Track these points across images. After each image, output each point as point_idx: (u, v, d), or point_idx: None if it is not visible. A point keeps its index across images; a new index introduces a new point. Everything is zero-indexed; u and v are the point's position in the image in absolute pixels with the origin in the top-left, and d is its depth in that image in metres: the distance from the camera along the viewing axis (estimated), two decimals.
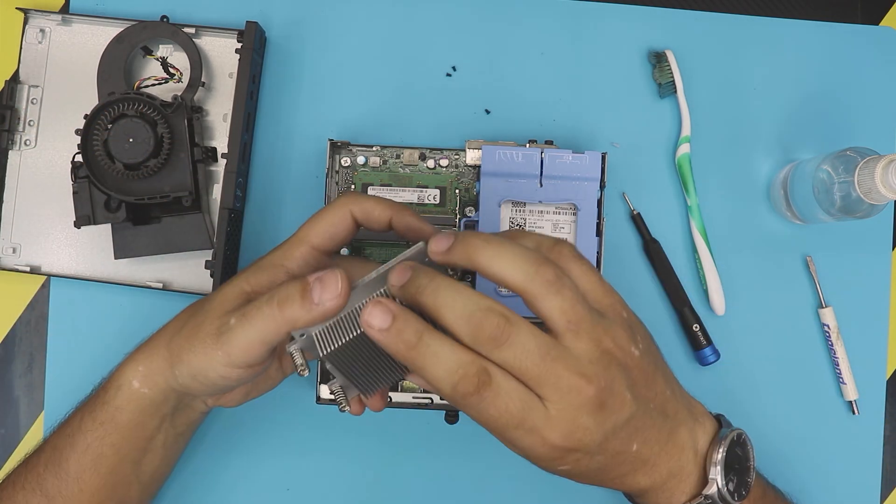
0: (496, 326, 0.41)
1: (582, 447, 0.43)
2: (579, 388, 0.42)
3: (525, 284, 0.42)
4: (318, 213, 0.50)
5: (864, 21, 0.67)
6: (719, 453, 0.48)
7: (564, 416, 0.42)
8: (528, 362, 0.41)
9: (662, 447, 0.47)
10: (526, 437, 0.43)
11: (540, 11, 0.65)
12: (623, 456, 0.45)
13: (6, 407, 0.63)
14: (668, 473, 0.47)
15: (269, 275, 0.50)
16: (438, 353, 0.41)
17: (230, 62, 0.62)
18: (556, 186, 0.59)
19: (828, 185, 0.58)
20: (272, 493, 0.63)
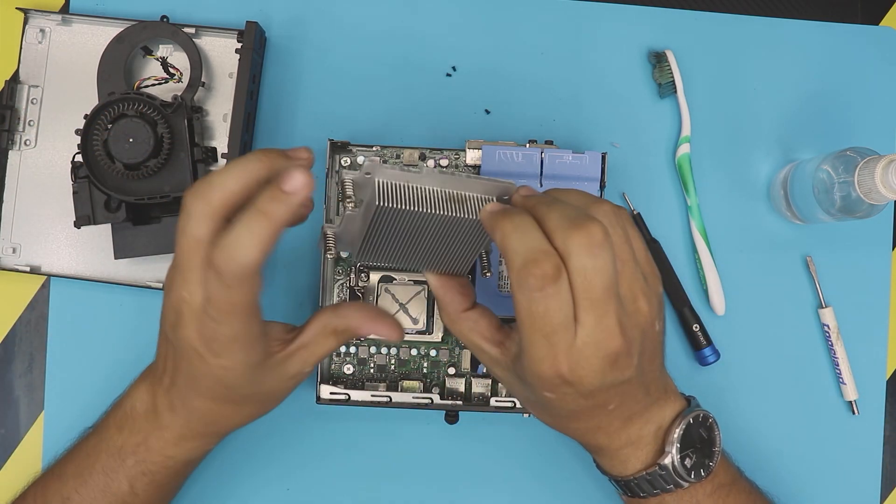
0: (598, 233, 0.43)
1: (577, 385, 0.45)
2: (613, 334, 0.44)
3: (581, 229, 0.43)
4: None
5: (864, 21, 0.67)
6: (679, 428, 0.50)
7: (585, 350, 0.44)
8: (600, 283, 0.43)
9: (630, 417, 0.49)
10: (544, 349, 0.44)
11: (540, 11, 0.65)
12: (599, 410, 0.47)
13: (6, 407, 0.63)
14: (626, 440, 0.50)
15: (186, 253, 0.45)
16: (528, 233, 0.43)
17: (230, 62, 0.62)
18: (556, 186, 0.59)
19: (828, 186, 0.58)
20: (272, 493, 0.63)
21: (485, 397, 0.60)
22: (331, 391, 0.59)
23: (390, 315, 0.51)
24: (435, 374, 0.61)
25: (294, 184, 0.42)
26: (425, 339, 0.60)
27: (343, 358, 0.60)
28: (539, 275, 0.42)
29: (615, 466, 0.51)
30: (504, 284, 0.59)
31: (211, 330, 0.44)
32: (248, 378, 0.48)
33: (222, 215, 0.43)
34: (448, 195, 0.47)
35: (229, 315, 0.44)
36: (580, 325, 0.43)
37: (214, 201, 0.43)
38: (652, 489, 0.51)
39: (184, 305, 0.44)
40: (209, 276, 0.43)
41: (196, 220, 0.43)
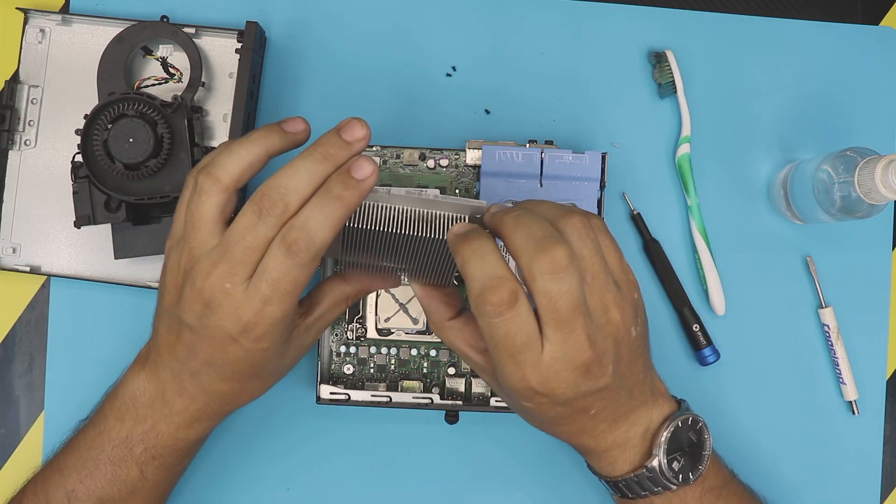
0: (562, 257, 0.43)
1: (551, 396, 0.46)
2: (581, 348, 0.45)
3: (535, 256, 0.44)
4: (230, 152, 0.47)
5: (864, 21, 0.67)
6: (667, 431, 0.50)
7: (554, 365, 0.45)
8: (565, 304, 0.44)
9: (616, 420, 0.50)
10: (511, 367, 0.45)
11: (540, 11, 0.65)
12: (580, 415, 0.48)
13: (6, 407, 0.63)
14: (613, 442, 0.50)
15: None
16: (485, 258, 0.44)
17: (230, 62, 0.62)
18: (556, 186, 0.59)
19: (828, 186, 0.58)
20: (272, 493, 0.63)
21: (485, 397, 0.60)
22: (331, 391, 0.59)
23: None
24: (435, 374, 0.61)
25: (364, 172, 0.45)
26: (425, 339, 0.60)
27: (343, 358, 0.60)
28: (495, 302, 0.43)
29: (604, 467, 0.52)
30: None
31: (256, 314, 0.45)
32: (277, 354, 0.49)
33: (231, 207, 0.47)
34: (418, 214, 0.47)
35: (289, 295, 0.45)
36: (548, 341, 0.44)
37: (229, 183, 0.46)
38: (640, 490, 0.51)
39: (221, 294, 0.45)
40: (277, 255, 0.44)
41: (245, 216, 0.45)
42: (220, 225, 0.46)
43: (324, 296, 0.52)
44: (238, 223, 0.45)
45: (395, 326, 0.60)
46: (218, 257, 0.45)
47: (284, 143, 0.47)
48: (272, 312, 0.45)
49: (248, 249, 0.45)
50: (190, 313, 0.47)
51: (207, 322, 0.46)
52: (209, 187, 0.45)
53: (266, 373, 0.51)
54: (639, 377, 0.50)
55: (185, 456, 0.54)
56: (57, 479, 0.53)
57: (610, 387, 0.47)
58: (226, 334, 0.46)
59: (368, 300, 0.59)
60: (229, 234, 0.45)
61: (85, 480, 0.52)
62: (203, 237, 0.46)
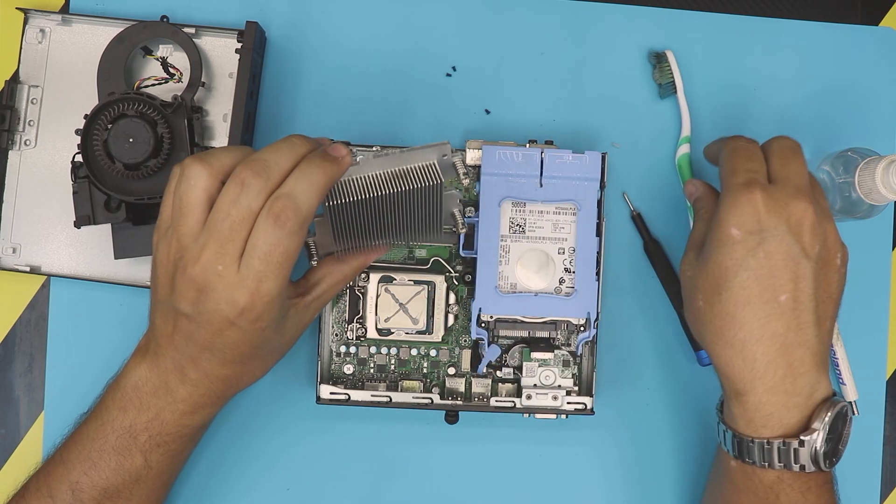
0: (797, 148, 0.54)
1: (764, 224, 0.50)
2: (799, 195, 0.51)
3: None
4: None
5: (863, 21, 0.67)
6: (830, 412, 0.50)
7: (779, 192, 0.51)
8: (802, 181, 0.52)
9: (792, 364, 0.50)
10: (741, 192, 0.50)
11: (540, 11, 0.65)
12: (771, 303, 0.49)
13: (6, 407, 0.63)
14: (780, 386, 0.50)
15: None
16: (742, 147, 0.55)
17: (230, 62, 0.62)
18: (556, 186, 0.59)
19: (828, 186, 0.58)
20: (273, 493, 0.63)
21: (485, 397, 0.60)
22: (331, 391, 0.59)
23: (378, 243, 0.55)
24: (435, 374, 0.61)
25: (340, 152, 0.48)
26: (425, 339, 0.60)
27: (343, 358, 0.60)
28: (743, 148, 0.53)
29: (753, 421, 0.50)
30: (504, 284, 0.59)
31: (252, 294, 0.46)
32: (275, 332, 0.50)
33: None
34: (391, 174, 0.51)
35: (281, 267, 0.46)
36: (776, 184, 0.51)
37: (219, 168, 0.47)
38: (777, 460, 0.49)
39: (215, 278, 0.46)
40: (265, 227, 0.45)
41: (253, 193, 0.46)
42: (208, 210, 0.46)
43: (321, 277, 0.54)
44: (221, 199, 0.46)
45: (395, 326, 0.60)
46: (206, 238, 0.46)
47: (339, 169, 0.49)
48: (268, 289, 0.46)
49: (236, 224, 0.45)
50: (184, 301, 0.47)
51: (203, 308, 0.47)
52: (197, 172, 0.46)
53: (266, 352, 0.52)
54: (825, 327, 0.51)
55: (189, 442, 0.55)
56: (60, 472, 0.53)
57: (805, 255, 0.49)
58: (223, 318, 0.47)
59: (368, 300, 0.59)
60: (214, 213, 0.46)
61: (89, 472, 0.52)
62: (191, 223, 0.46)
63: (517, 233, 0.59)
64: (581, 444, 0.63)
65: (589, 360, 0.61)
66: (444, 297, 0.60)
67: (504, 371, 0.60)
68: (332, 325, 0.60)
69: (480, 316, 0.58)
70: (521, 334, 0.60)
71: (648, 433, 0.64)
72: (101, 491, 0.52)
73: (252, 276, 0.46)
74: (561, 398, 0.60)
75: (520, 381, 0.60)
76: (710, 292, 0.51)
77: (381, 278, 0.59)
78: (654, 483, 0.63)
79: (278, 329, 0.50)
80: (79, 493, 0.52)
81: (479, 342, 0.60)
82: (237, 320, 0.47)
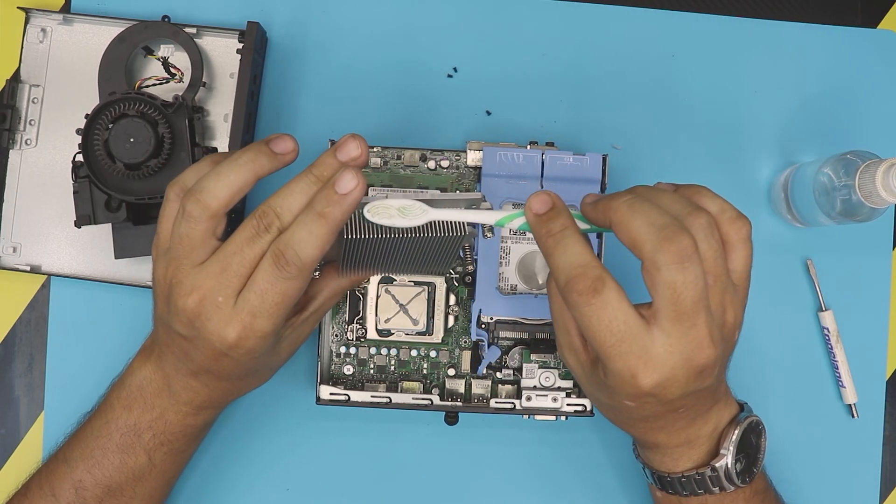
0: (688, 246, 0.42)
1: (660, 396, 0.45)
2: (702, 346, 0.44)
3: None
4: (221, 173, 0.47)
5: (864, 23, 0.67)
6: (736, 432, 0.50)
7: (669, 360, 0.43)
8: (689, 294, 0.43)
9: (695, 419, 0.49)
10: (619, 361, 0.44)
11: (541, 13, 0.65)
12: (669, 414, 0.47)
13: (6, 407, 0.63)
14: (684, 439, 0.50)
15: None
16: (570, 248, 0.44)
17: (231, 62, 0.62)
18: (556, 188, 0.59)
19: (828, 189, 0.58)
20: (272, 493, 0.63)
21: (485, 398, 0.60)
22: (331, 392, 0.59)
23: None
24: (435, 375, 0.61)
25: (347, 186, 0.45)
26: (425, 340, 0.60)
27: (343, 359, 0.60)
28: (581, 290, 0.43)
29: (665, 463, 0.51)
30: (504, 286, 0.59)
31: (244, 329, 0.46)
32: (270, 355, 0.50)
33: (222, 221, 0.47)
34: None
35: (277, 307, 0.46)
36: (665, 334, 0.43)
37: (218, 209, 0.46)
38: (696, 489, 0.51)
39: (212, 308, 0.46)
40: (265, 266, 0.45)
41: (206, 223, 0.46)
42: (210, 245, 0.47)
43: (318, 291, 0.53)
44: (236, 238, 0.46)
45: (395, 327, 0.59)
46: (213, 270, 0.46)
47: (273, 164, 0.47)
48: (261, 326, 0.46)
49: (245, 261, 0.46)
50: (178, 325, 0.48)
51: (197, 334, 0.47)
52: (199, 214, 0.46)
53: (263, 370, 0.53)
54: (721, 378, 0.50)
55: (193, 441, 0.55)
56: (63, 470, 0.53)
57: (709, 388, 0.47)
58: (215, 349, 0.47)
59: (369, 301, 0.59)
60: (227, 246, 0.46)
61: (92, 470, 0.52)
62: (193, 259, 0.47)
63: (517, 234, 0.59)
64: (580, 445, 0.64)
65: None
66: (445, 298, 0.60)
67: (504, 372, 0.60)
68: (332, 325, 0.60)
69: (480, 317, 0.58)
70: (521, 336, 0.60)
71: None
72: (105, 489, 0.52)
73: (247, 311, 0.46)
74: (560, 400, 0.60)
75: (519, 383, 0.60)
76: (608, 408, 0.50)
77: (381, 279, 0.59)
78: None
79: (274, 351, 0.50)
80: (82, 490, 0.52)
81: (479, 343, 0.60)
82: (229, 352, 0.47)
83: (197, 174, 0.48)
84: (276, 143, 0.47)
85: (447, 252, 0.51)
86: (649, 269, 0.43)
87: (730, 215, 0.46)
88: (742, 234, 0.46)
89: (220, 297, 0.46)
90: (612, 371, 0.44)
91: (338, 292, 0.54)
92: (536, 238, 0.46)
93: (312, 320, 0.53)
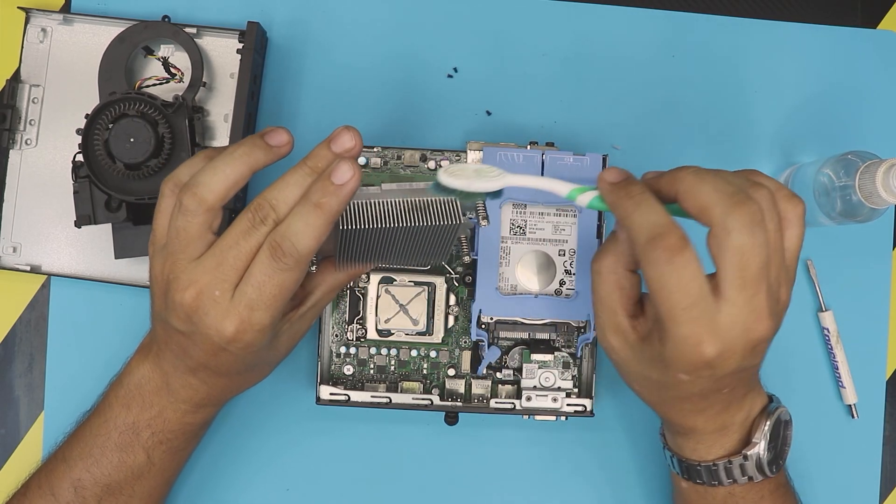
0: (757, 212, 0.43)
1: (717, 369, 0.44)
2: (761, 317, 0.44)
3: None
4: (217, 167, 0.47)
5: (863, 23, 0.67)
6: (768, 423, 0.50)
7: (732, 330, 0.43)
8: (756, 260, 0.42)
9: (730, 403, 0.49)
10: (686, 327, 0.43)
11: (541, 13, 0.65)
12: (715, 394, 0.47)
13: (6, 407, 0.63)
14: (720, 425, 0.50)
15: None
16: (652, 208, 0.44)
17: (231, 62, 0.62)
18: None
19: (828, 189, 0.58)
20: (272, 493, 0.63)
21: (485, 399, 0.60)
22: (331, 392, 0.59)
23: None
24: (435, 375, 0.61)
25: (343, 176, 0.45)
26: (425, 340, 0.60)
27: (343, 359, 0.60)
28: (667, 246, 0.42)
29: (697, 450, 0.51)
30: (504, 286, 0.59)
31: (242, 322, 0.46)
32: (268, 349, 0.50)
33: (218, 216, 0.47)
34: (410, 204, 0.48)
35: (274, 300, 0.46)
36: (728, 302, 0.43)
37: (214, 202, 0.46)
38: (725, 479, 0.51)
39: (209, 302, 0.46)
40: (262, 258, 0.45)
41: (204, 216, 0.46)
42: (206, 239, 0.47)
43: (315, 285, 0.53)
44: (232, 231, 0.46)
45: (395, 327, 0.59)
46: (208, 263, 0.46)
47: (268, 157, 0.47)
48: (259, 319, 0.46)
49: (241, 254, 0.46)
50: (176, 320, 0.47)
51: (195, 329, 0.47)
52: (195, 207, 0.46)
53: (262, 365, 0.53)
54: (758, 365, 0.50)
55: (192, 439, 0.55)
56: (62, 469, 0.53)
57: (754, 368, 0.47)
58: (213, 343, 0.47)
59: (369, 301, 0.59)
60: (223, 240, 0.46)
61: (91, 468, 0.52)
62: (189, 253, 0.47)
63: (518, 234, 0.59)
64: (581, 445, 0.64)
65: (589, 362, 0.61)
66: (445, 299, 0.60)
67: (504, 373, 0.60)
68: (333, 325, 0.60)
69: (480, 317, 0.58)
70: (521, 336, 0.60)
71: (648, 435, 0.64)
72: (104, 487, 0.52)
73: (244, 304, 0.46)
74: (561, 400, 0.60)
75: (520, 383, 0.60)
76: (655, 385, 0.48)
77: (381, 279, 0.59)
78: (653, 484, 0.63)
79: (272, 346, 0.50)
80: (81, 489, 0.52)
81: (479, 343, 0.60)
82: (227, 346, 0.47)
83: (191, 169, 0.48)
84: (271, 136, 0.47)
85: (443, 241, 0.51)
86: (718, 234, 0.42)
87: (785, 193, 0.46)
88: (798, 211, 0.46)
89: (217, 291, 0.46)
90: (677, 338, 0.43)
91: (335, 287, 0.54)
92: (613, 205, 0.46)
93: (310, 315, 0.53)
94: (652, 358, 0.46)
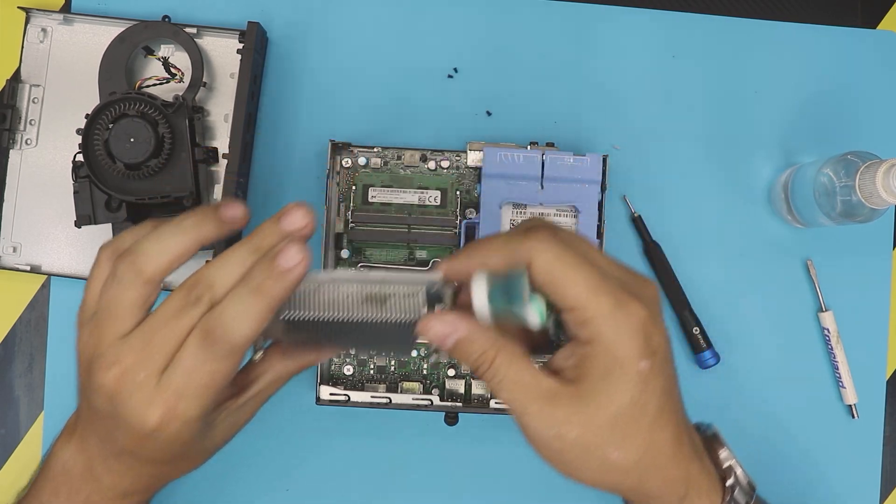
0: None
1: (656, 354, 0.43)
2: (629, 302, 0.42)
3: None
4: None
5: (864, 23, 0.67)
6: (717, 439, 0.49)
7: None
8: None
9: (682, 434, 0.47)
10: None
11: (542, 14, 0.65)
12: (671, 413, 0.46)
13: (6, 407, 0.63)
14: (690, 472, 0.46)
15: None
16: (474, 339, 0.43)
17: (231, 62, 0.62)
18: (557, 189, 0.59)
19: (829, 189, 0.58)
20: (272, 493, 0.63)
21: (484, 399, 0.60)
22: (330, 392, 0.59)
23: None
24: (435, 375, 0.61)
25: (290, 260, 0.41)
26: (425, 339, 0.60)
27: (343, 359, 0.60)
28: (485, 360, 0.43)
29: None
30: None
31: (168, 411, 0.42)
32: (200, 439, 0.46)
33: (157, 288, 0.43)
34: (368, 295, 0.43)
35: (204, 389, 0.42)
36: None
37: (152, 275, 0.43)
38: None
39: (133, 386, 0.42)
40: (192, 344, 0.41)
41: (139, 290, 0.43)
42: (137, 316, 0.43)
43: (260, 373, 0.48)
44: (162, 309, 0.42)
45: None
46: (133, 344, 0.42)
47: (219, 231, 0.44)
48: (185, 409, 0.42)
49: (170, 337, 0.42)
50: (98, 401, 0.43)
51: (117, 413, 0.43)
52: (131, 278, 0.42)
53: (193, 454, 0.48)
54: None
55: None
56: None
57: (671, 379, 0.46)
58: (136, 431, 0.43)
59: None
60: (153, 318, 0.42)
61: None
62: (116, 329, 0.43)
63: None
64: None
65: None
66: None
67: None
68: None
69: None
70: None
71: None
72: None
73: (171, 391, 0.41)
74: None
75: None
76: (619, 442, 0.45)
77: None
78: None
79: (205, 436, 0.46)
80: None
81: None
82: (152, 434, 0.42)
83: (134, 237, 0.44)
84: (224, 210, 0.44)
85: (402, 336, 0.44)
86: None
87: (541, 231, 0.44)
88: (539, 234, 0.43)
89: (142, 374, 0.42)
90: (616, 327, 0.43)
91: (283, 376, 0.48)
92: (454, 355, 0.44)
93: (251, 406, 0.48)
94: (594, 387, 0.44)
